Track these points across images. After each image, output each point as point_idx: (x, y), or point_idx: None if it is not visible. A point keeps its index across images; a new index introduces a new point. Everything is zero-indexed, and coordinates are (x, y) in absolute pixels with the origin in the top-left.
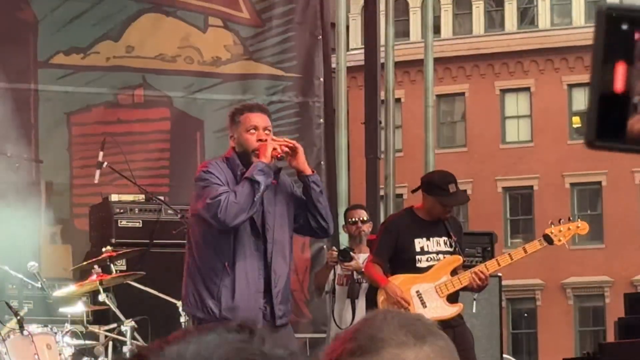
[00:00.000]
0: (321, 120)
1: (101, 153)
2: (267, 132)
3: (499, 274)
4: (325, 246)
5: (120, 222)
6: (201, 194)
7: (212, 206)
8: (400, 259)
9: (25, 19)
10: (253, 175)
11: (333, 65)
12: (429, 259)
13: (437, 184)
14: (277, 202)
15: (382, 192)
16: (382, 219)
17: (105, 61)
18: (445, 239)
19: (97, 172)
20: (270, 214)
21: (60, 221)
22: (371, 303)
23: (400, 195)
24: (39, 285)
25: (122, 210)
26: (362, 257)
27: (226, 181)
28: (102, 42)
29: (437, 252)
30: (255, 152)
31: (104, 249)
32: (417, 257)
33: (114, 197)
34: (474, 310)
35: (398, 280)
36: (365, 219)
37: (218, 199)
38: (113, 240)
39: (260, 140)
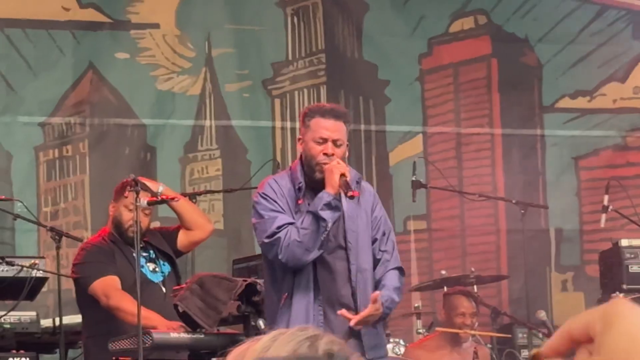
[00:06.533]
0: None
1: (606, 197)
2: (338, 145)
3: None
4: None
5: (631, 267)
6: (257, 224)
7: (271, 246)
8: None
9: (529, 64)
10: (317, 211)
11: None
12: None
13: None
14: (360, 218)
15: None
16: None
17: (612, 103)
18: None
19: (603, 217)
20: (353, 232)
21: (572, 268)
22: None
23: None
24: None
25: (632, 255)
26: None
27: (286, 202)
28: (608, 83)
29: None
30: (319, 167)
31: (612, 295)
32: None
33: (624, 242)
34: None
35: None
36: None
37: (277, 236)
38: (624, 286)
39: (326, 154)
